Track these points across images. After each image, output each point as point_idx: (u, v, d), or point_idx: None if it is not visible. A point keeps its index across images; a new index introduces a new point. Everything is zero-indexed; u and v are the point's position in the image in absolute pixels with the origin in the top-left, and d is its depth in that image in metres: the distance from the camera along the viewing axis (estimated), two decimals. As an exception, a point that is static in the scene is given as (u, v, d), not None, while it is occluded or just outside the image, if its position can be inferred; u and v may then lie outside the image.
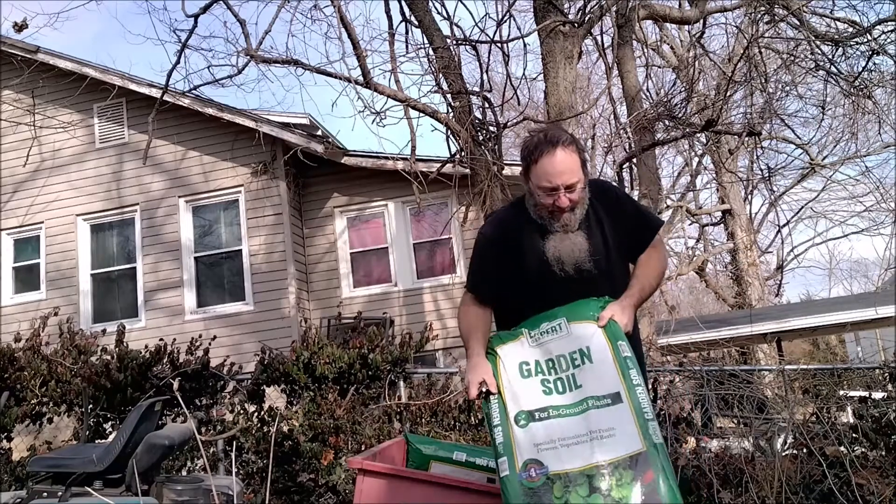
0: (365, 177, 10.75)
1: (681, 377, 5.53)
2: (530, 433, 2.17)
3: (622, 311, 2.32)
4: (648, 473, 1.98)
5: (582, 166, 2.38)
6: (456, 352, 10.04)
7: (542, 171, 2.35)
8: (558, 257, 2.42)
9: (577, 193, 2.37)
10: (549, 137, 2.37)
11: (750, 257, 17.83)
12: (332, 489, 4.84)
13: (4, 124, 10.85)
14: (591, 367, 2.22)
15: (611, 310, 2.31)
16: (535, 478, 2.08)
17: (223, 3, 7.21)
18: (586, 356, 2.24)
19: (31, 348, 6.07)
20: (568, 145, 2.35)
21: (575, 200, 2.38)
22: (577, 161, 2.37)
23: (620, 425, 2.08)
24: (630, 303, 2.38)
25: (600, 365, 2.21)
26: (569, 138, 2.38)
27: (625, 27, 8.06)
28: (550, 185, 2.34)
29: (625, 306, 2.35)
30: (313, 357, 5.50)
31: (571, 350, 2.28)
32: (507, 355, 2.39)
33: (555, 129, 2.46)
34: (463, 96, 7.18)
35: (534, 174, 2.38)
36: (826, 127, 16.35)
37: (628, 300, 2.38)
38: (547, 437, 2.15)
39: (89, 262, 10.85)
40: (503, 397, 2.29)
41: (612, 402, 2.13)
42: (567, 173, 2.33)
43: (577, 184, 2.36)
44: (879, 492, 3.40)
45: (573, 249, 2.42)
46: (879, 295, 14.70)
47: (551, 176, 2.33)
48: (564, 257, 2.42)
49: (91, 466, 3.64)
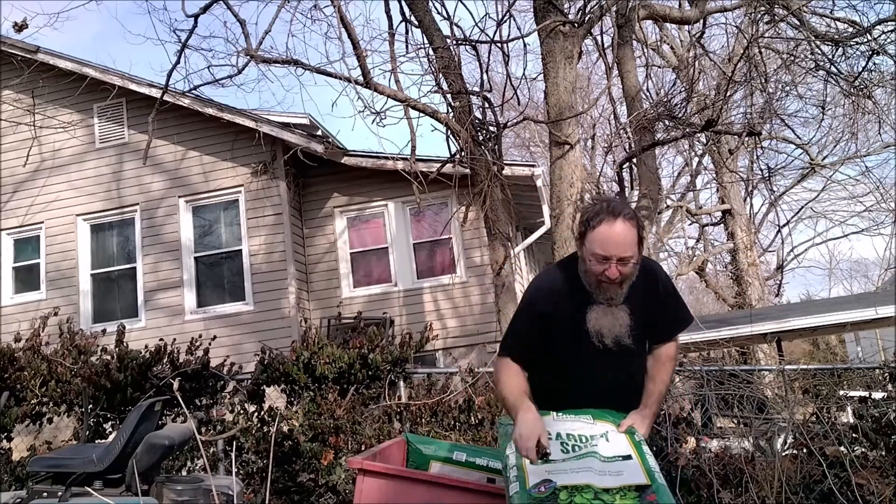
0: (365, 177, 10.75)
1: (681, 377, 5.52)
2: (542, 467, 2.29)
3: (642, 421, 2.47)
4: (652, 496, 2.17)
5: (638, 243, 2.39)
6: (456, 352, 10.04)
7: (598, 239, 2.35)
8: (598, 330, 2.44)
9: (629, 268, 2.39)
10: (611, 207, 2.37)
11: (750, 257, 17.84)
12: (332, 489, 4.84)
13: (4, 124, 10.85)
14: (607, 444, 2.37)
15: (631, 419, 2.45)
16: (544, 491, 2.19)
17: (223, 3, 7.21)
18: (605, 438, 2.39)
19: (31, 348, 6.06)
20: (629, 219, 2.36)
21: (625, 274, 2.39)
22: (635, 237, 2.38)
23: (628, 470, 2.26)
24: (650, 413, 2.51)
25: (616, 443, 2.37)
26: (631, 212, 2.38)
27: (625, 27, 8.04)
28: (604, 254, 2.34)
29: (645, 416, 2.49)
30: (313, 357, 5.50)
31: (592, 433, 2.41)
32: None
33: (618, 200, 2.48)
34: (463, 96, 7.18)
35: (589, 240, 2.38)
36: (826, 127, 16.39)
37: (649, 411, 2.51)
38: (559, 468, 2.28)
39: (89, 262, 10.85)
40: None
41: (622, 460, 2.31)
42: (623, 246, 2.34)
43: (631, 258, 2.37)
44: (879, 492, 3.40)
45: (614, 324, 2.44)
46: (879, 295, 14.69)
47: (607, 246, 2.34)
48: (605, 331, 2.44)
49: (91, 466, 3.64)
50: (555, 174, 6.81)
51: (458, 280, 10.46)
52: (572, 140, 6.79)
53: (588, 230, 2.38)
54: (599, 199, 2.53)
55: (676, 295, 2.68)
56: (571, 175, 6.71)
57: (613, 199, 2.49)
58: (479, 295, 10.28)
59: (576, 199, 6.69)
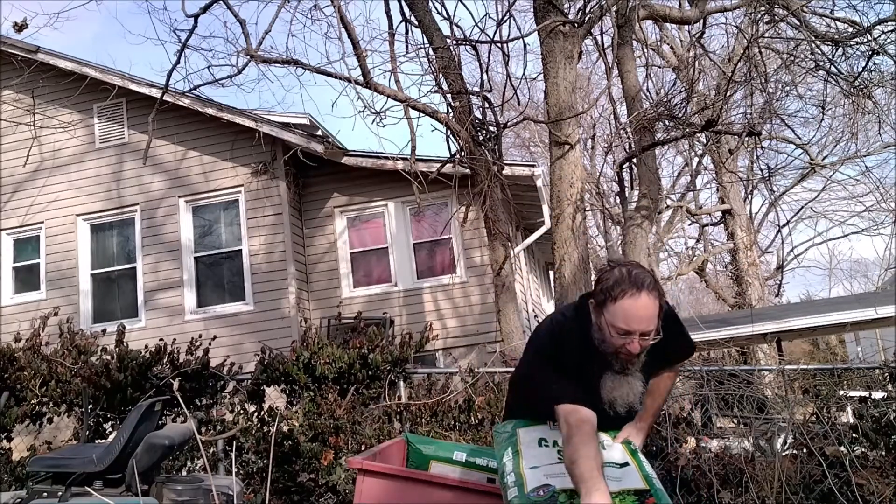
0: (365, 177, 10.75)
1: (681, 377, 5.52)
2: (540, 472, 2.31)
3: (637, 433, 2.49)
4: (650, 500, 2.20)
5: (660, 313, 2.25)
6: (456, 352, 10.04)
7: (621, 313, 2.19)
8: (612, 400, 2.34)
9: (650, 340, 2.24)
10: (634, 278, 2.21)
11: (750, 257, 17.84)
12: (332, 489, 4.84)
13: (4, 124, 10.85)
14: (604, 451, 2.37)
15: (627, 431, 2.47)
16: (543, 495, 2.20)
17: (223, 3, 7.22)
18: (601, 446, 2.38)
19: (31, 348, 6.06)
20: (652, 290, 2.21)
21: (646, 348, 2.25)
22: (658, 308, 2.23)
23: (626, 476, 2.29)
24: (645, 425, 2.52)
25: (612, 450, 2.41)
26: (652, 283, 2.23)
27: (625, 27, 8.05)
28: (628, 328, 2.20)
29: (640, 428, 2.50)
30: (313, 357, 5.50)
31: None
32: (527, 433, 2.49)
33: (638, 269, 2.25)
34: (463, 96, 7.18)
35: (610, 312, 2.21)
36: (826, 127, 16.40)
37: (644, 423, 2.52)
38: (556, 472, 2.29)
39: (89, 262, 10.85)
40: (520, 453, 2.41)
41: (620, 466, 2.34)
42: (647, 320, 2.20)
43: (652, 332, 2.23)
44: (879, 492, 3.40)
45: (629, 393, 2.34)
46: (879, 295, 14.70)
47: (631, 321, 2.19)
48: (618, 400, 2.34)
49: (91, 466, 3.64)
50: (555, 174, 6.81)
51: (458, 280, 10.46)
52: (572, 140, 6.79)
53: (608, 300, 2.22)
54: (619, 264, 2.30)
55: (680, 331, 2.50)
56: (571, 175, 6.71)
57: (634, 266, 2.28)
58: (479, 295, 10.29)
59: (576, 199, 6.69)
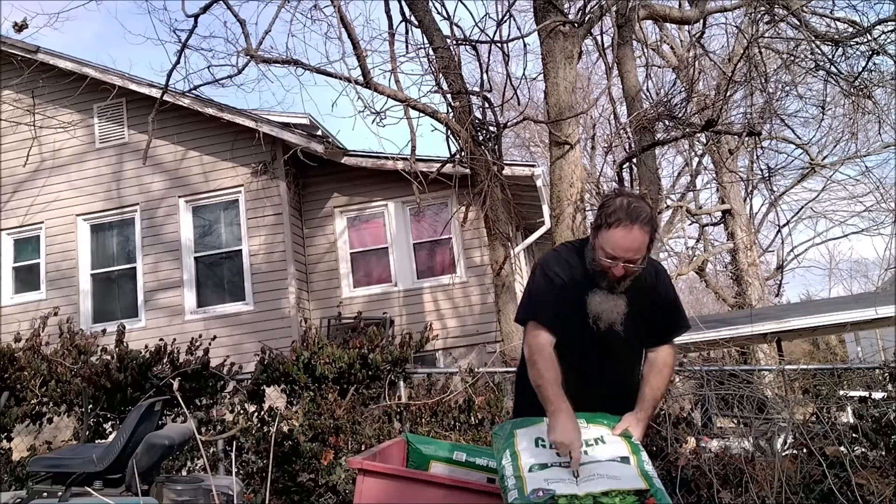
0: (365, 177, 10.75)
1: (681, 377, 5.52)
2: (540, 474, 2.30)
3: (637, 423, 2.49)
4: (650, 500, 2.19)
5: (648, 245, 2.44)
6: (456, 352, 10.04)
7: (612, 240, 2.39)
8: (598, 314, 2.50)
9: (635, 268, 2.44)
10: (631, 210, 2.38)
11: (750, 257, 17.83)
12: (332, 489, 4.84)
13: (4, 124, 10.85)
14: (603, 447, 2.38)
15: (626, 422, 2.47)
16: (542, 496, 2.19)
17: (223, 3, 7.22)
18: (600, 441, 2.41)
19: (31, 348, 6.06)
20: (646, 224, 2.38)
21: (630, 273, 2.44)
22: (647, 240, 2.41)
23: (625, 474, 2.27)
24: (645, 416, 2.52)
25: (612, 445, 2.39)
26: (648, 216, 2.39)
27: (625, 27, 8.06)
28: (615, 254, 2.39)
29: (639, 420, 2.50)
30: (313, 357, 5.50)
31: (587, 438, 2.41)
32: (524, 434, 2.49)
33: (638, 202, 2.43)
34: (463, 96, 7.18)
35: (603, 237, 2.41)
36: (826, 127, 16.40)
37: (643, 414, 2.52)
38: (556, 476, 2.28)
39: (89, 262, 10.85)
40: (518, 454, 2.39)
41: (620, 462, 2.32)
42: (633, 251, 2.39)
43: (639, 261, 2.43)
44: (879, 492, 3.40)
45: (612, 310, 2.50)
46: (879, 295, 14.69)
47: (619, 249, 2.38)
48: (603, 315, 2.50)
49: (91, 466, 3.64)
50: (555, 174, 6.82)
51: (458, 280, 10.46)
52: (572, 140, 6.80)
53: (604, 226, 2.40)
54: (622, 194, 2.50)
55: (676, 300, 2.70)
56: (571, 175, 6.72)
57: (634, 199, 2.45)
58: (479, 295, 10.28)
59: (576, 199, 6.69)
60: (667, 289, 2.64)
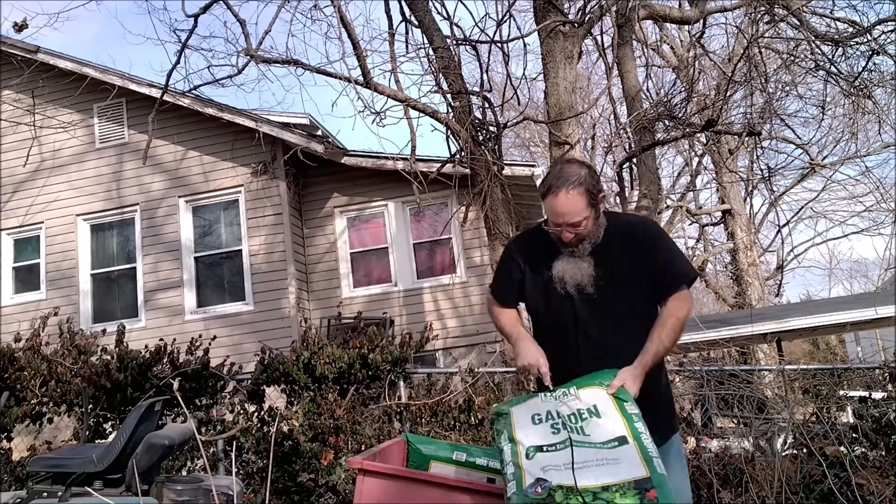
0: (365, 177, 10.75)
1: (681, 377, 5.52)
2: (538, 460, 2.27)
3: (633, 379, 2.41)
4: (652, 492, 2.10)
5: (590, 205, 2.47)
6: (456, 352, 10.04)
7: (548, 207, 2.51)
8: (561, 277, 2.57)
9: (583, 229, 2.49)
10: (559, 177, 2.47)
11: (750, 257, 17.84)
12: (332, 489, 4.84)
13: (4, 124, 10.85)
14: (597, 421, 2.33)
15: (621, 378, 2.40)
16: (541, 492, 2.16)
17: (223, 3, 7.22)
18: (594, 413, 2.35)
19: (31, 348, 6.07)
20: (573, 188, 2.43)
21: (581, 236, 2.51)
22: (583, 202, 2.45)
23: (625, 458, 2.20)
24: (641, 370, 2.44)
25: (607, 418, 2.33)
26: (577, 180, 2.45)
27: (625, 27, 8.06)
28: (555, 221, 2.50)
29: (636, 375, 2.43)
30: (313, 357, 5.50)
31: (580, 408, 2.38)
32: (519, 411, 2.47)
33: (570, 167, 2.52)
34: (463, 96, 7.18)
35: (544, 206, 2.54)
36: (826, 127, 16.39)
37: (640, 367, 2.44)
38: (553, 462, 2.24)
39: (89, 262, 10.85)
40: (516, 440, 2.36)
41: (618, 444, 2.26)
42: (568, 215, 2.45)
43: (582, 222, 2.47)
44: (879, 492, 3.40)
45: (576, 272, 2.56)
46: (879, 295, 14.69)
47: (555, 215, 2.49)
48: (567, 277, 2.56)
49: (91, 466, 3.64)
50: (555, 174, 6.80)
51: (458, 280, 10.46)
52: (572, 140, 6.80)
53: (543, 197, 2.52)
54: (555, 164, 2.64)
55: (669, 253, 2.59)
56: (571, 175, 6.70)
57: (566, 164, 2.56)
58: (479, 295, 10.28)
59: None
60: (656, 245, 2.58)
